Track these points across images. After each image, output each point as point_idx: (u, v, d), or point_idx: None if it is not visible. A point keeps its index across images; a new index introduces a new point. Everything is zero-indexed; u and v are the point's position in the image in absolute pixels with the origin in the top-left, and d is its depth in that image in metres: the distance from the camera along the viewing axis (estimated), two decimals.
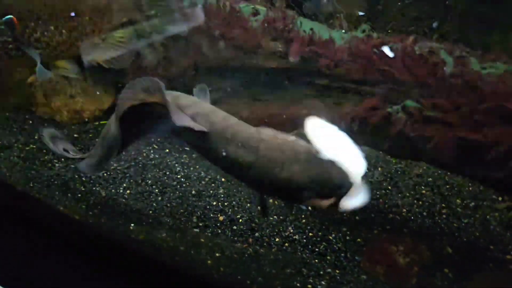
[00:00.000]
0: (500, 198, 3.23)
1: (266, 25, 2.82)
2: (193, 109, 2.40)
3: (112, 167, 3.50)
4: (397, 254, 2.65)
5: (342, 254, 2.85)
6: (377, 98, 2.57)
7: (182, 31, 3.20)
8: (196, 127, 2.26)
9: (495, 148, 2.08)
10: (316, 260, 2.80)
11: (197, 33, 3.22)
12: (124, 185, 3.36)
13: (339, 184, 2.09)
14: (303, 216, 3.23)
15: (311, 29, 2.90)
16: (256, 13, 3.10)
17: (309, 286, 2.57)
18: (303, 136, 2.26)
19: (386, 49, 2.50)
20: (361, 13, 2.89)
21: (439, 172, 3.63)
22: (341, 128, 2.76)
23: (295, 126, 2.89)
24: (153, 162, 3.63)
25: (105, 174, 3.42)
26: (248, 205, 3.30)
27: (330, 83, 2.80)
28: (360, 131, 2.69)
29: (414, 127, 2.37)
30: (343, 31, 2.87)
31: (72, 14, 3.02)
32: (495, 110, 2.13)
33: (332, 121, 2.77)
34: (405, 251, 2.66)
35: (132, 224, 2.95)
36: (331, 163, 2.18)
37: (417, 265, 2.62)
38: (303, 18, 3.15)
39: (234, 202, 3.30)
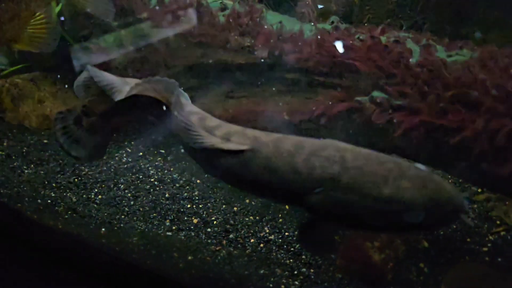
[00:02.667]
0: (479, 190, 3.26)
1: (231, 20, 2.84)
2: (223, 129, 2.20)
3: (84, 172, 3.51)
4: (372, 250, 2.67)
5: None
6: (344, 90, 2.59)
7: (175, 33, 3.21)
8: (238, 147, 2.03)
9: (458, 134, 2.11)
10: (291, 260, 2.82)
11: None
12: (96, 190, 3.38)
13: (460, 204, 1.74)
14: (280, 215, 3.24)
15: (280, 22, 2.92)
16: (224, 8, 3.13)
17: (283, 286, 2.58)
18: None
19: (339, 44, 2.53)
20: (319, 6, 2.91)
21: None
22: (311, 122, 2.79)
23: (268, 122, 2.92)
24: (125, 166, 3.65)
25: (76, 180, 3.43)
26: (224, 206, 3.32)
27: (300, 77, 2.81)
28: (330, 125, 2.71)
29: (382, 117, 2.38)
30: (312, 23, 2.90)
31: None
32: (459, 97, 2.16)
33: (303, 116, 2.80)
34: (380, 247, 2.68)
35: (103, 229, 2.96)
36: (441, 180, 1.82)
37: (392, 260, 2.64)
38: (272, 11, 3.18)
39: (209, 204, 3.32)
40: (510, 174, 1.97)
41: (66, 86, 4.23)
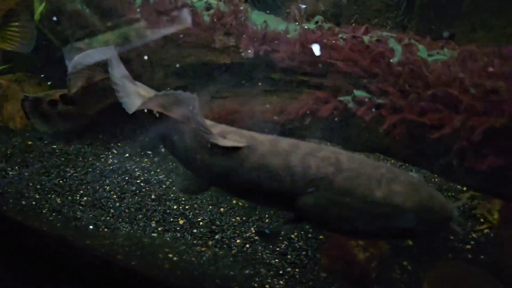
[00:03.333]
0: (464, 188, 3.32)
1: (215, 19, 2.89)
2: (218, 128, 2.28)
3: (69, 174, 3.54)
4: (356, 249, 2.72)
5: (303, 252, 2.92)
6: (328, 90, 2.64)
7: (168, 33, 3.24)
8: (235, 144, 2.07)
9: (437, 131, 2.16)
10: (277, 260, 2.86)
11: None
12: (81, 192, 3.41)
13: (449, 213, 1.78)
14: (266, 215, 3.28)
15: (265, 22, 2.97)
16: (209, 7, 3.17)
17: (267, 286, 2.63)
18: None
19: (315, 47, 2.58)
20: (303, 6, 2.96)
21: (407, 165, 3.72)
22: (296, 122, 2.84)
23: (254, 123, 2.96)
24: (111, 167, 3.68)
25: (60, 182, 3.46)
26: (210, 207, 3.36)
27: (284, 77, 2.86)
28: (314, 125, 2.76)
29: (364, 116, 2.44)
30: (297, 23, 2.95)
31: None
32: (439, 96, 2.22)
33: (288, 116, 2.85)
34: (364, 246, 2.73)
35: (88, 230, 3.00)
36: (433, 189, 1.88)
37: (376, 259, 2.69)
38: (257, 11, 3.22)
39: (195, 205, 3.36)
40: (488, 170, 2.02)
41: (49, 83, 4.25)
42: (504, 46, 2.30)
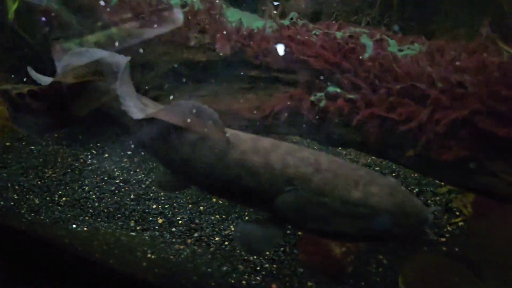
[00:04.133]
0: (442, 183, 3.42)
1: (190, 17, 2.96)
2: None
3: (47, 175, 3.61)
4: (333, 244, 2.81)
5: (281, 249, 3.00)
6: (301, 87, 2.72)
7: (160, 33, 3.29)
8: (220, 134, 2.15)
9: (405, 125, 2.25)
10: (255, 257, 2.93)
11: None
12: (60, 192, 3.48)
13: (425, 217, 1.83)
14: (246, 213, 3.36)
15: (240, 19, 3.05)
16: (184, 4, 3.24)
17: (244, 282, 2.71)
18: None
19: (280, 47, 2.67)
20: (275, 3, 3.04)
21: (387, 161, 3.82)
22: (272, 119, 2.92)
23: (231, 121, 3.04)
24: (90, 168, 3.75)
25: (39, 182, 3.52)
26: (190, 205, 3.43)
27: (260, 74, 2.94)
28: (290, 122, 2.84)
29: (338, 112, 2.53)
30: (272, 20, 3.03)
31: None
32: (408, 90, 2.31)
33: (263, 113, 2.93)
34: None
35: (69, 226, 3.07)
36: (409, 192, 1.96)
37: (353, 253, 2.78)
38: (233, 8, 3.30)
39: (175, 204, 3.44)
40: (453, 162, 2.12)
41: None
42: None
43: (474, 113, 2.05)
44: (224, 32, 2.91)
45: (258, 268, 2.83)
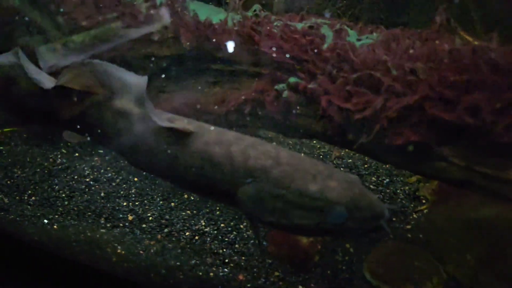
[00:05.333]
0: (412, 173, 3.58)
1: (152, 11, 3.09)
2: (168, 115, 2.44)
3: (16, 175, 3.72)
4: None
5: (251, 241, 3.13)
6: (265, 79, 2.87)
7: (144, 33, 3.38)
8: (184, 128, 2.24)
9: (360, 113, 2.40)
10: (224, 250, 3.08)
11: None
12: (29, 191, 3.58)
13: (380, 212, 1.91)
14: (217, 208, 3.50)
15: (203, 12, 3.17)
16: None
17: (211, 274, 2.84)
18: None
19: (230, 44, 2.81)
20: None
21: (359, 154, 3.98)
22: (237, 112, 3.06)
23: (198, 116, 3.17)
24: (60, 167, 3.86)
25: (8, 182, 3.64)
26: (161, 202, 3.56)
27: (225, 68, 3.07)
28: (256, 114, 2.98)
29: (299, 103, 2.67)
30: (236, 13, 3.16)
31: None
32: (364, 78, 2.46)
33: (228, 107, 3.07)
34: None
35: (39, 224, 3.18)
36: (367, 188, 2.03)
37: (320, 243, 2.92)
38: (197, 1, 3.43)
39: (145, 201, 3.56)
40: (404, 147, 2.27)
41: None
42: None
43: (424, 99, 2.20)
44: (186, 26, 3.01)
45: (226, 260, 2.96)
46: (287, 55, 2.65)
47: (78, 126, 2.48)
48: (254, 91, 2.83)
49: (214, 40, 2.97)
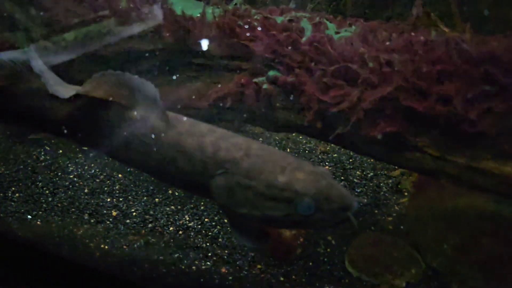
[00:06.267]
0: (396, 167, 3.68)
1: (132, 5, 3.16)
2: None
3: (0, 172, 3.79)
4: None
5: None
6: (246, 72, 2.95)
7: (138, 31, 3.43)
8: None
9: (337, 105, 2.49)
10: (208, 244, 3.16)
11: None
12: (13, 188, 3.66)
13: (348, 203, 1.95)
14: (202, 203, 3.59)
15: (183, 5, 3.24)
16: None
17: (194, 268, 2.93)
18: None
19: (204, 42, 2.88)
20: None
21: (344, 149, 4.07)
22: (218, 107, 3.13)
23: (182, 110, 3.24)
24: (43, 164, 3.94)
25: None
26: (145, 198, 3.64)
27: (205, 62, 3.15)
28: (237, 108, 3.07)
29: (278, 96, 2.75)
30: (217, 6, 3.24)
31: None
32: (341, 71, 2.55)
33: (208, 101, 3.14)
34: None
35: (23, 219, 3.26)
36: (335, 181, 2.07)
37: (302, 236, 3.01)
38: None
39: (130, 197, 3.64)
40: (381, 138, 2.36)
41: None
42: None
43: (398, 90, 2.29)
44: (167, 19, 3.08)
45: (209, 254, 3.05)
46: (267, 49, 2.71)
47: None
48: (234, 85, 2.90)
49: (194, 33, 3.03)
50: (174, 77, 3.26)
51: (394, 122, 2.28)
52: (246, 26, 2.87)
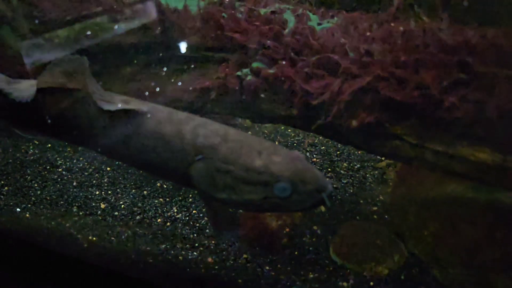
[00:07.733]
0: (383, 158, 3.78)
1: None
2: (122, 97, 2.52)
3: None
4: (269, 218, 3.14)
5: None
6: (231, 64, 3.04)
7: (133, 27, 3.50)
8: (137, 108, 2.34)
9: (319, 97, 2.59)
10: (195, 235, 3.26)
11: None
12: (2, 182, 3.75)
13: (322, 185, 2.05)
14: (190, 195, 3.68)
15: None
16: None
17: (180, 257, 3.02)
18: None
19: (182, 45, 2.97)
20: None
21: (332, 141, 4.17)
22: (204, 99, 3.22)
23: (167, 103, 3.33)
24: (32, 157, 4.03)
25: None
26: (133, 190, 3.73)
27: (191, 54, 3.24)
28: (223, 100, 3.16)
29: (263, 88, 2.85)
30: None
31: None
32: (323, 62, 2.64)
33: (195, 93, 3.23)
34: (277, 215, 3.15)
35: (12, 212, 3.35)
36: (311, 164, 2.19)
37: (288, 226, 3.11)
38: None
39: (118, 190, 3.73)
40: (361, 128, 2.46)
41: None
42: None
43: (377, 79, 2.38)
44: (153, 12, 3.17)
45: (196, 244, 3.14)
46: (251, 40, 2.81)
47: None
48: (219, 77, 2.99)
49: (179, 25, 3.11)
50: (162, 71, 3.31)
51: (373, 112, 2.37)
52: (230, 18, 2.94)
